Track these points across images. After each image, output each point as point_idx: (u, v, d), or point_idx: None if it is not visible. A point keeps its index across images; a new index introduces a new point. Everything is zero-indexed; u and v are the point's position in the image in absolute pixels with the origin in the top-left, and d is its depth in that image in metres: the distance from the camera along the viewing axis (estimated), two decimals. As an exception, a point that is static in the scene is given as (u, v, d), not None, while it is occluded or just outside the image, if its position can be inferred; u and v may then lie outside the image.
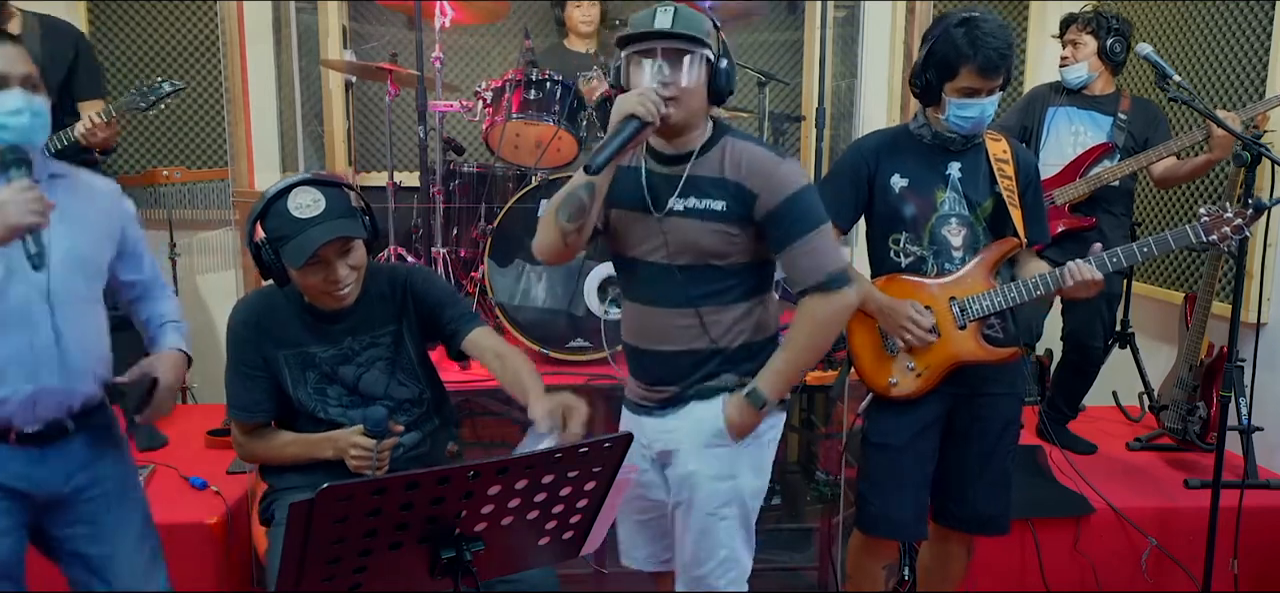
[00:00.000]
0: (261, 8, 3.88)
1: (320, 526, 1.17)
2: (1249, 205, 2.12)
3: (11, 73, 1.69)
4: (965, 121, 2.09)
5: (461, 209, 3.63)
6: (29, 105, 1.69)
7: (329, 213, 1.84)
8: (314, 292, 1.91)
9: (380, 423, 1.85)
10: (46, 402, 1.77)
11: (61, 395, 1.78)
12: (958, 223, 2.16)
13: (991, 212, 2.17)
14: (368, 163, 4.44)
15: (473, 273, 3.53)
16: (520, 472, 1.25)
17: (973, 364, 2.17)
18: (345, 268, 1.88)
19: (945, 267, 2.16)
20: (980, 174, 2.17)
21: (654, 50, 1.77)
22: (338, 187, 1.93)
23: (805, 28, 4.44)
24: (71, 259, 1.78)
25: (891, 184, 2.15)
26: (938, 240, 2.16)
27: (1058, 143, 3.18)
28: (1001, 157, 2.18)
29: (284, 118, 4.03)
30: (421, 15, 3.18)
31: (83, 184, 1.88)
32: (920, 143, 2.18)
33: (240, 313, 2.00)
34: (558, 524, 1.38)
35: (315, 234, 1.81)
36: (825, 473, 3.22)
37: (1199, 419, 3.01)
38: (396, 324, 2.02)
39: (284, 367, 1.97)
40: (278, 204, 1.84)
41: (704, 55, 1.78)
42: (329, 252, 1.84)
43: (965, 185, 2.16)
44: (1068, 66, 3.16)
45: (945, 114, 2.10)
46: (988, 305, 2.14)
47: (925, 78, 2.10)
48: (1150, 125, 3.09)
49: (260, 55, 3.89)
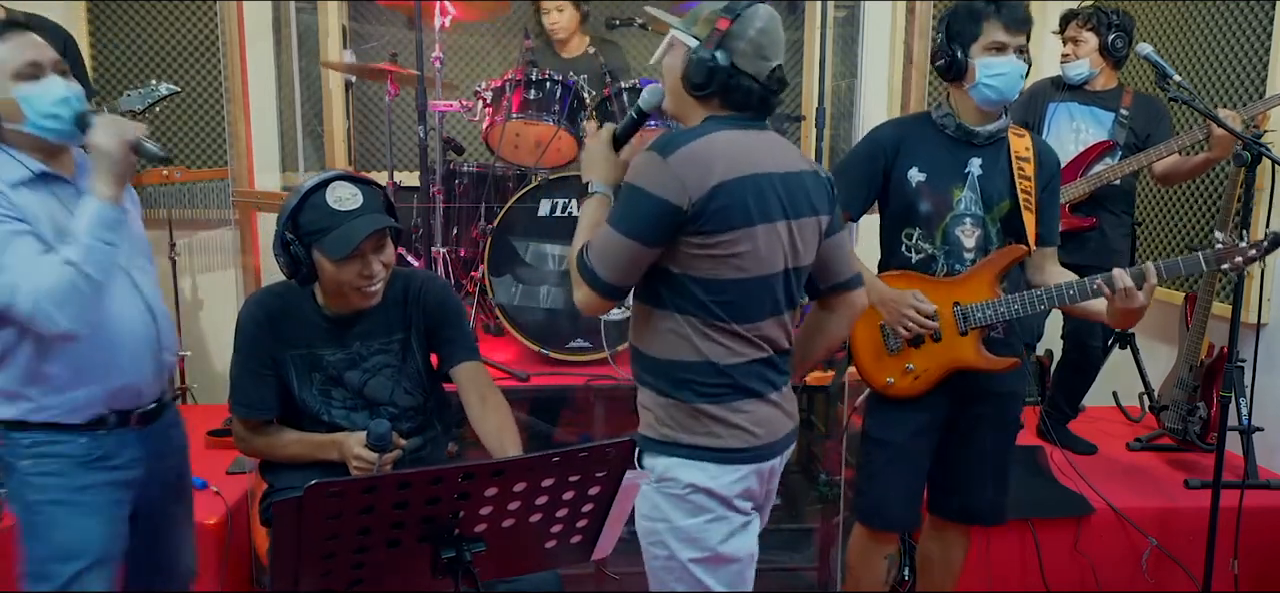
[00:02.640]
0: (261, 8, 3.87)
1: (312, 523, 1.17)
2: (1265, 239, 2.07)
3: (43, 59, 1.68)
4: (997, 84, 2.02)
5: (461, 209, 3.63)
6: (71, 91, 1.69)
7: (368, 206, 1.85)
8: (346, 288, 1.89)
9: (384, 438, 1.84)
10: (157, 379, 1.86)
11: (161, 371, 1.88)
12: (972, 224, 2.12)
13: (1007, 213, 2.13)
14: (368, 163, 4.44)
15: (473, 273, 3.53)
16: (516, 474, 1.25)
17: (971, 370, 2.16)
18: (379, 264, 1.89)
19: (955, 267, 2.14)
20: (1000, 173, 2.12)
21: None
22: (371, 184, 1.94)
23: (805, 28, 4.44)
24: (139, 242, 1.86)
25: (908, 177, 2.11)
26: (950, 240, 2.13)
27: (1058, 140, 3.16)
28: (1023, 154, 2.13)
29: (284, 118, 4.03)
30: (421, 15, 3.18)
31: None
32: (942, 134, 2.13)
33: (250, 309, 1.99)
34: (564, 527, 1.37)
35: (360, 226, 1.81)
36: (827, 473, 3.22)
37: (1199, 419, 3.01)
38: (405, 331, 2.01)
39: (291, 366, 1.97)
40: (315, 197, 1.84)
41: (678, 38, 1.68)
42: (366, 245, 1.84)
43: (984, 184, 2.11)
44: (1069, 63, 3.15)
45: (975, 83, 2.04)
46: (991, 314, 2.11)
47: (951, 49, 2.05)
48: (1153, 122, 3.07)
49: (260, 55, 3.88)
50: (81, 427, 1.77)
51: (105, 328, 1.73)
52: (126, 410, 1.82)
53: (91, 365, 1.74)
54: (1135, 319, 2.07)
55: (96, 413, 1.78)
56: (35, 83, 1.66)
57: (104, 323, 1.72)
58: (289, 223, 1.86)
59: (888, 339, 2.18)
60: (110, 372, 1.76)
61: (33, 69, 1.66)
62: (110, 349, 1.75)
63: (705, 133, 1.63)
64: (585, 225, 1.73)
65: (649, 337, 1.71)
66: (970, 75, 2.04)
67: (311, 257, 1.85)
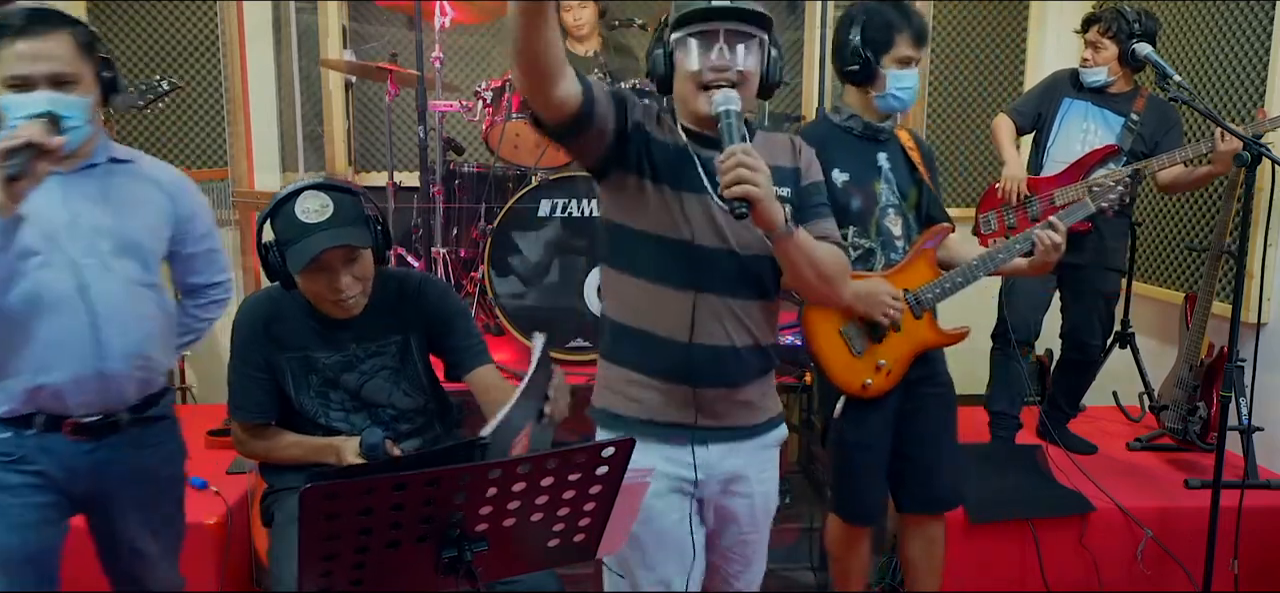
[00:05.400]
0: (261, 8, 3.88)
1: (310, 523, 1.17)
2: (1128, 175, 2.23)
3: (34, 74, 1.63)
4: (903, 96, 2.14)
5: (461, 209, 3.63)
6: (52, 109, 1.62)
7: (335, 220, 1.82)
8: (318, 299, 1.89)
9: (376, 447, 1.82)
10: (89, 388, 1.75)
11: (104, 382, 1.76)
12: (895, 213, 2.21)
13: (917, 200, 2.25)
14: (368, 163, 4.44)
15: (473, 273, 3.53)
16: (515, 475, 1.25)
17: (932, 349, 2.24)
18: (349, 277, 1.85)
19: (891, 257, 2.21)
20: (902, 164, 2.24)
21: (715, 31, 1.58)
22: (349, 193, 1.90)
23: (805, 27, 4.44)
24: (118, 243, 1.77)
25: (834, 179, 2.16)
26: (883, 232, 2.20)
27: (1067, 139, 3.15)
28: (910, 145, 2.27)
29: (284, 118, 4.03)
30: (421, 15, 3.18)
31: (145, 170, 1.88)
32: (850, 135, 2.22)
33: (245, 312, 1.98)
34: (566, 527, 1.37)
35: (318, 239, 1.79)
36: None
37: (1199, 419, 3.01)
38: (403, 334, 1.99)
39: (287, 370, 1.96)
40: (285, 207, 1.83)
41: (764, 40, 1.64)
42: (334, 259, 1.82)
43: (896, 175, 2.22)
44: (1088, 68, 3.12)
45: (884, 90, 2.13)
46: (939, 292, 2.20)
47: (864, 55, 2.13)
48: (1162, 128, 3.05)
49: (260, 55, 3.89)
50: (5, 421, 1.75)
51: (25, 326, 1.70)
52: (57, 416, 1.76)
53: (8, 359, 1.71)
54: (1048, 270, 2.21)
55: (15, 410, 1.74)
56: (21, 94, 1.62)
57: (25, 320, 1.69)
58: (263, 229, 1.87)
59: (852, 343, 2.19)
60: (27, 370, 1.72)
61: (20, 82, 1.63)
62: (30, 346, 1.71)
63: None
64: (819, 253, 1.64)
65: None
66: (880, 83, 2.14)
67: (286, 265, 1.85)
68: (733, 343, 1.68)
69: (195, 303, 2.05)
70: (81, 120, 1.68)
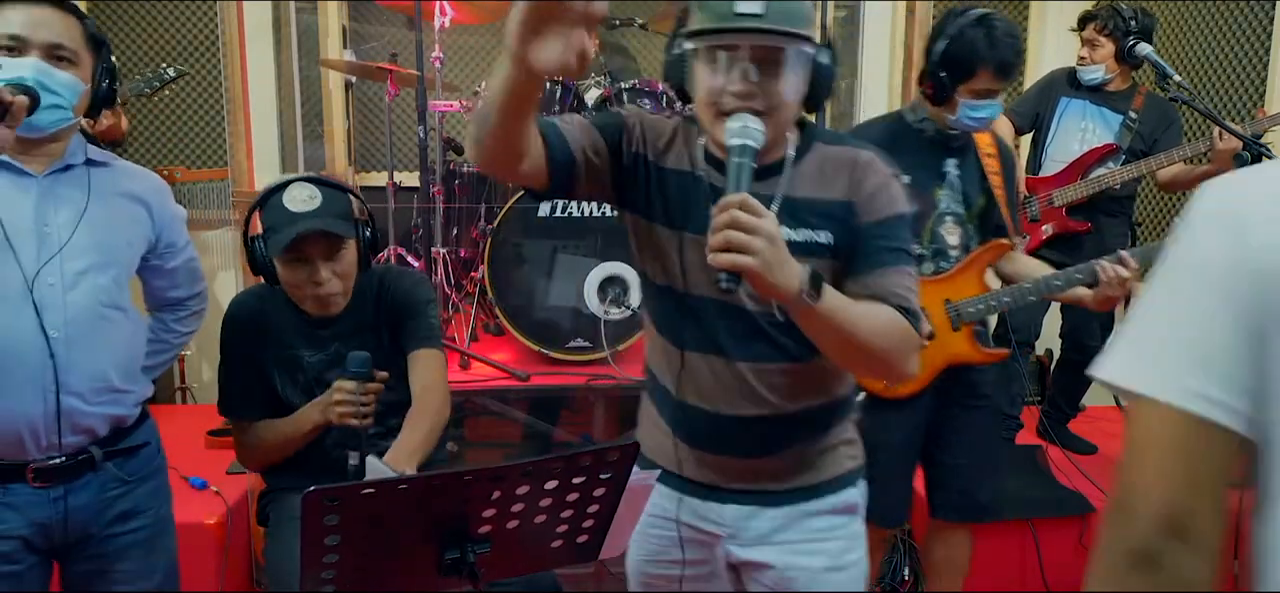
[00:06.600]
0: (261, 8, 3.88)
1: (312, 525, 1.17)
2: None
3: (32, 38, 1.51)
4: (977, 122, 2.08)
5: (461, 209, 3.63)
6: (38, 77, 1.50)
7: (321, 211, 1.82)
8: (297, 290, 1.88)
9: (364, 365, 1.75)
10: (49, 427, 1.54)
11: (66, 417, 1.56)
12: (953, 222, 2.16)
13: (983, 209, 2.19)
14: (368, 163, 4.44)
15: (473, 273, 3.53)
16: (519, 479, 1.25)
17: (964, 366, 2.19)
18: (328, 271, 1.85)
19: (941, 266, 2.17)
20: (974, 171, 2.18)
21: (738, 46, 1.27)
22: (341, 190, 1.91)
23: (805, 28, 4.43)
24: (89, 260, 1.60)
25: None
26: (937, 239, 2.16)
27: (1065, 138, 3.15)
28: (988, 150, 2.20)
29: (284, 118, 4.03)
30: (421, 15, 3.18)
31: (121, 176, 1.72)
32: (920, 137, 2.17)
33: (234, 310, 1.99)
34: (569, 528, 1.37)
35: (299, 224, 1.79)
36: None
37: (1199, 419, 3.00)
38: (379, 330, 1.99)
39: (273, 368, 1.96)
40: (274, 197, 1.84)
41: (807, 52, 1.30)
42: (313, 250, 1.82)
43: (963, 182, 2.16)
44: (1085, 67, 3.11)
45: (957, 114, 2.08)
46: (981, 309, 2.15)
47: (940, 77, 2.06)
48: (1161, 126, 3.05)
49: (260, 55, 3.89)
50: None
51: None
52: (15, 464, 1.54)
53: None
54: (1114, 305, 2.10)
55: None
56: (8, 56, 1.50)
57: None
58: (251, 220, 1.87)
59: None
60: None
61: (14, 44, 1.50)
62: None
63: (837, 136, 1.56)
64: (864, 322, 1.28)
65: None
66: (953, 106, 2.08)
67: (270, 257, 1.84)
68: (736, 412, 1.41)
69: (175, 317, 1.94)
70: (67, 102, 1.54)
